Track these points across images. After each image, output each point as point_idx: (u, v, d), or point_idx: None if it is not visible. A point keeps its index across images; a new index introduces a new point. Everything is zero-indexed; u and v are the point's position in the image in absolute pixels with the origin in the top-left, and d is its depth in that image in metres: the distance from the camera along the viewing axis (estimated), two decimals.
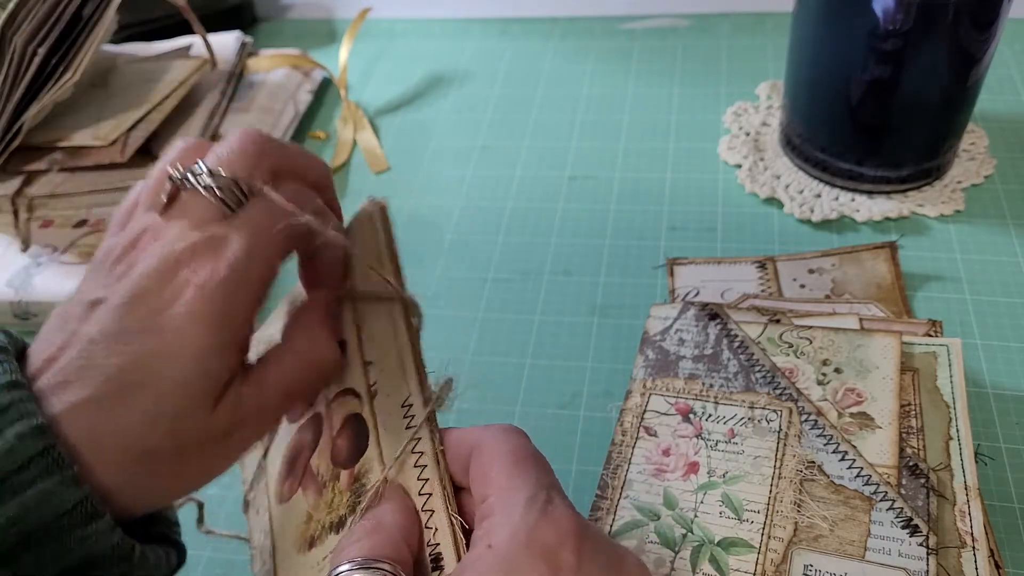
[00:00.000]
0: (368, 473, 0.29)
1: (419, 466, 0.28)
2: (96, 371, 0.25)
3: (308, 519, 0.30)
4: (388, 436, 0.29)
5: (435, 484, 0.27)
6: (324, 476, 0.31)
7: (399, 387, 0.29)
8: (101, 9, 0.59)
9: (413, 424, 0.28)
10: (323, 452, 0.31)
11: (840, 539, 0.37)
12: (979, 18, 0.49)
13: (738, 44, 0.74)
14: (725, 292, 0.52)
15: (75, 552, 0.24)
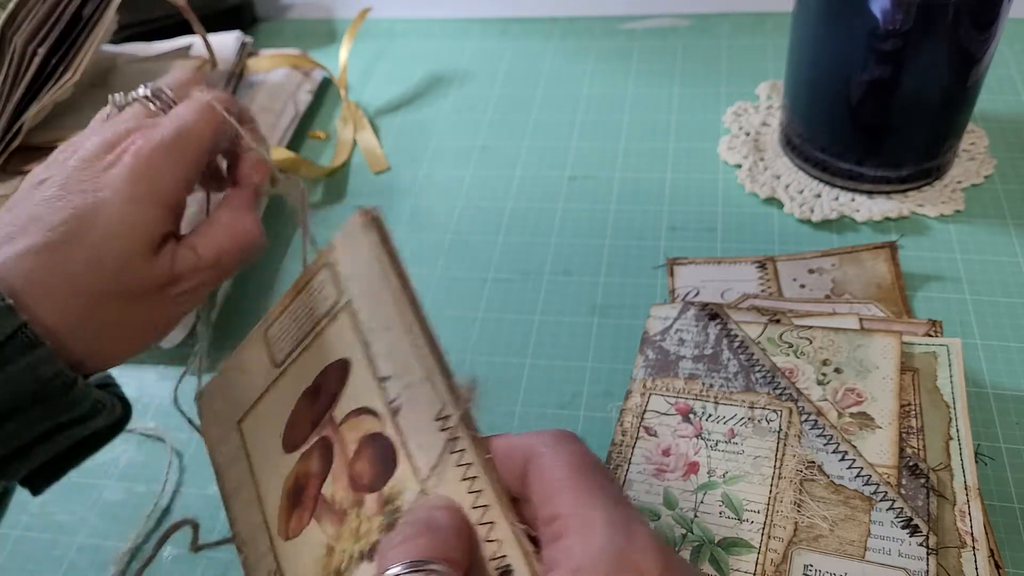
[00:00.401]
0: (403, 493, 0.28)
1: (467, 478, 0.27)
2: (40, 224, 0.29)
3: (329, 551, 0.29)
4: (423, 452, 0.28)
5: (491, 495, 0.26)
6: (343, 504, 0.30)
7: (429, 399, 0.28)
8: (101, 9, 0.59)
9: (453, 435, 0.27)
10: (339, 478, 0.30)
11: (840, 539, 0.37)
12: (979, 18, 0.49)
13: (738, 44, 0.74)
14: (725, 292, 0.52)
15: (19, 382, 0.26)
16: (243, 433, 0.34)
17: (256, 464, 0.33)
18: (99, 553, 0.44)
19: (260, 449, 0.33)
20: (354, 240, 0.32)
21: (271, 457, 0.33)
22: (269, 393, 0.34)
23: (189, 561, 0.43)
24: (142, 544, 0.44)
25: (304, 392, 0.32)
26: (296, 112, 0.70)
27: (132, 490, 0.47)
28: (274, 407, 0.33)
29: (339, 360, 0.32)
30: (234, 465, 0.34)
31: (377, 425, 0.30)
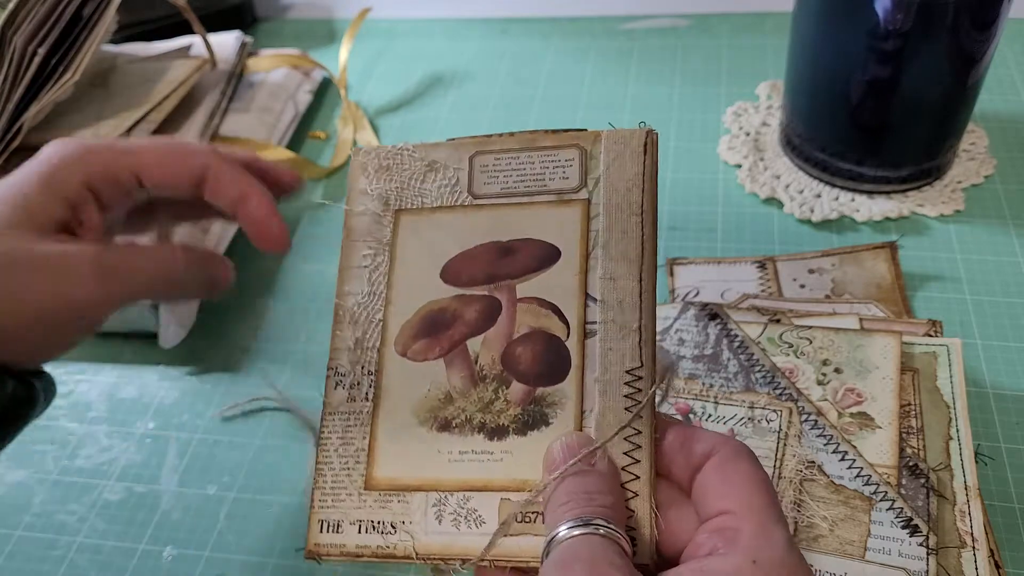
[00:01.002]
0: (557, 407, 0.28)
1: (632, 443, 0.27)
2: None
3: (448, 400, 0.29)
4: (598, 392, 0.28)
5: (645, 470, 0.27)
6: (485, 369, 0.29)
7: (629, 350, 0.29)
8: (101, 9, 0.59)
9: (636, 398, 0.28)
10: (491, 344, 0.30)
11: (840, 539, 0.37)
12: (979, 18, 0.49)
13: (738, 44, 0.74)
14: (725, 292, 0.52)
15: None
16: (398, 225, 0.32)
17: (400, 264, 0.32)
18: (99, 553, 0.44)
19: (411, 256, 0.32)
20: (623, 149, 0.32)
21: (423, 272, 0.31)
22: (450, 212, 0.32)
23: (189, 561, 0.43)
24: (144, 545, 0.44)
25: (494, 243, 0.31)
26: (296, 112, 0.70)
27: (132, 490, 0.47)
28: (449, 230, 0.32)
29: (550, 244, 0.31)
30: (370, 245, 0.32)
31: (560, 331, 0.29)
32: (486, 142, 0.33)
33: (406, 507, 0.28)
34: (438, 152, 0.33)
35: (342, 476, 0.29)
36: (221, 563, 0.43)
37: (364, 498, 0.29)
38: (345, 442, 0.30)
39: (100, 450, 0.49)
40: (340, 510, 0.29)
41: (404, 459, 0.29)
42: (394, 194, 0.33)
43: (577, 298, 0.30)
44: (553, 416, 0.28)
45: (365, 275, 0.32)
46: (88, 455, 0.49)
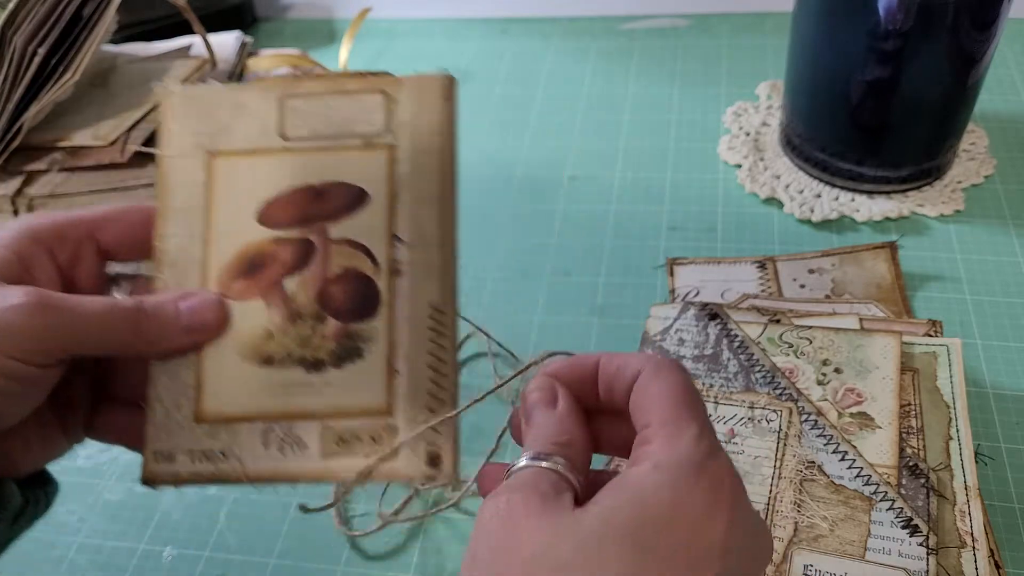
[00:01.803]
0: (369, 341, 0.31)
1: (437, 372, 0.30)
2: None
3: (268, 336, 0.31)
4: (408, 329, 0.30)
5: (449, 396, 0.30)
6: (302, 308, 0.31)
7: (434, 288, 0.31)
8: (101, 9, 0.59)
9: (440, 331, 0.30)
10: (307, 284, 0.31)
11: (840, 539, 0.37)
12: (979, 18, 0.49)
13: (738, 44, 0.74)
14: (725, 292, 0.52)
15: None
16: (213, 168, 0.33)
17: (215, 207, 0.33)
18: (99, 553, 0.44)
19: (228, 198, 0.33)
20: (425, 95, 0.33)
21: (238, 215, 0.33)
22: (263, 156, 0.33)
23: (189, 561, 0.43)
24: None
25: (306, 186, 0.33)
26: None
27: (132, 490, 0.47)
28: (263, 173, 0.33)
29: (358, 188, 0.32)
30: (186, 188, 0.33)
31: (370, 270, 0.31)
32: (294, 85, 0.34)
33: (234, 437, 0.30)
34: (248, 95, 0.34)
35: (172, 410, 0.31)
36: (221, 563, 0.43)
37: (195, 430, 0.31)
38: (174, 379, 0.31)
39: (100, 450, 0.49)
40: (172, 442, 0.31)
41: (230, 392, 0.31)
42: (207, 137, 0.34)
43: (385, 239, 0.32)
44: (366, 350, 0.31)
45: (183, 217, 0.33)
46: (88, 455, 0.49)
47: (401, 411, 0.30)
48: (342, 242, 0.32)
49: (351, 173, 0.33)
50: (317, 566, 0.42)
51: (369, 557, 0.42)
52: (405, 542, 0.43)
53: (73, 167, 0.60)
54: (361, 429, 0.30)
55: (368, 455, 0.30)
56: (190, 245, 0.32)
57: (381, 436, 0.30)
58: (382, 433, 0.30)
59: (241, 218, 0.33)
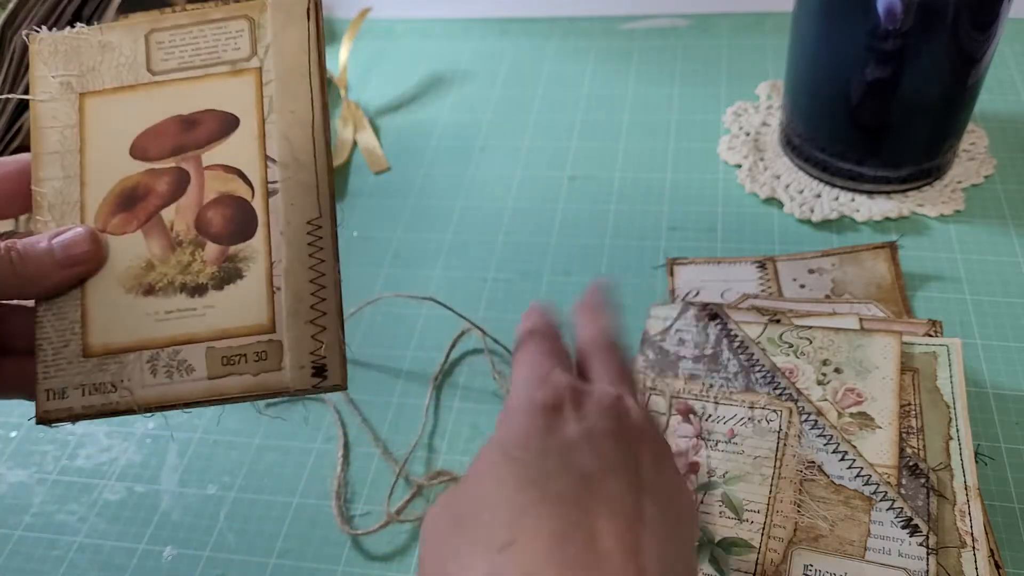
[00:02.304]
0: (249, 261, 0.32)
1: (317, 284, 0.31)
2: None
3: (149, 267, 0.32)
4: (288, 247, 0.31)
5: (331, 307, 0.31)
6: (179, 236, 0.32)
7: (310, 203, 0.32)
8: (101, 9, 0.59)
9: (318, 244, 0.31)
10: (184, 213, 0.32)
11: (840, 539, 0.37)
12: (979, 18, 0.49)
13: (738, 44, 0.74)
14: (725, 292, 0.52)
15: None
16: (84, 108, 0.34)
17: (89, 146, 0.34)
18: (99, 553, 0.44)
19: (100, 137, 0.34)
20: (287, 16, 0.33)
21: (112, 152, 0.33)
22: (132, 92, 0.34)
23: (189, 561, 0.43)
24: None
25: (177, 117, 0.33)
26: None
27: (132, 490, 0.47)
28: (133, 108, 0.34)
29: (229, 114, 0.33)
30: (59, 130, 0.34)
31: (246, 193, 0.32)
32: (159, 19, 0.35)
33: (122, 367, 0.31)
34: (113, 34, 0.35)
35: (60, 347, 0.32)
36: (221, 563, 0.43)
37: (83, 364, 0.31)
38: (59, 316, 0.32)
39: (100, 450, 0.49)
40: (63, 378, 0.31)
41: (115, 325, 0.32)
42: (75, 78, 0.35)
43: (259, 161, 0.32)
44: (247, 270, 0.32)
45: (57, 160, 0.34)
46: (88, 455, 0.49)
47: (284, 327, 0.31)
48: (216, 168, 0.33)
49: (221, 100, 0.33)
50: (317, 566, 0.42)
51: (370, 557, 0.42)
52: (407, 542, 0.43)
53: None
54: (246, 347, 0.31)
55: (256, 373, 0.31)
56: (66, 187, 0.33)
57: (265, 353, 0.31)
58: (266, 349, 0.31)
59: (115, 155, 0.33)
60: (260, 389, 0.30)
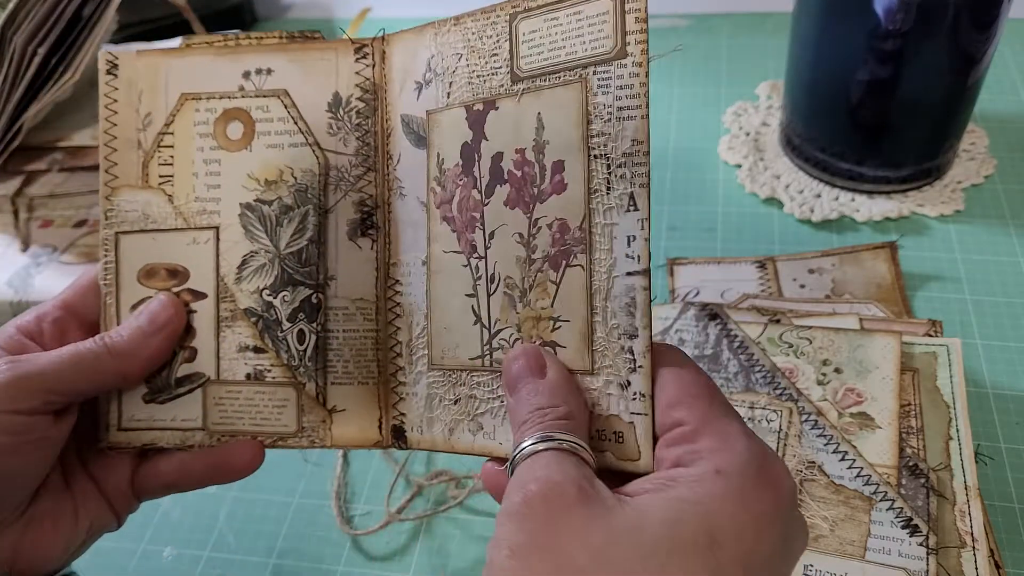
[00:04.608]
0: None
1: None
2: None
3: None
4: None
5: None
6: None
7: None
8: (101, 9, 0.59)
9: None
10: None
11: (840, 539, 0.37)
12: (979, 18, 0.49)
13: (738, 44, 0.74)
14: (725, 292, 0.52)
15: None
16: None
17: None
18: (99, 553, 0.44)
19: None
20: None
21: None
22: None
23: (189, 561, 0.43)
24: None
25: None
26: None
27: None
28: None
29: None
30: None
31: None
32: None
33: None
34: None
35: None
36: (221, 563, 0.43)
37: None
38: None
39: None
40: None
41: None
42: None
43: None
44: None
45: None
46: None
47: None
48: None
49: None
50: (317, 566, 0.42)
51: (371, 557, 0.42)
52: (407, 542, 0.43)
53: (73, 167, 0.60)
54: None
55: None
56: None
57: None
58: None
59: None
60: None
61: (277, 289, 0.33)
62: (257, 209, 0.33)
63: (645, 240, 0.26)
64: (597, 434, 0.27)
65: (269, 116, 0.33)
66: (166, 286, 0.33)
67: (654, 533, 0.22)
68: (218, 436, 0.33)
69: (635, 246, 0.26)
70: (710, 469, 0.24)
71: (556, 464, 0.24)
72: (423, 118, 0.32)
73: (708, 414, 0.25)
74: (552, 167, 0.28)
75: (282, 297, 0.33)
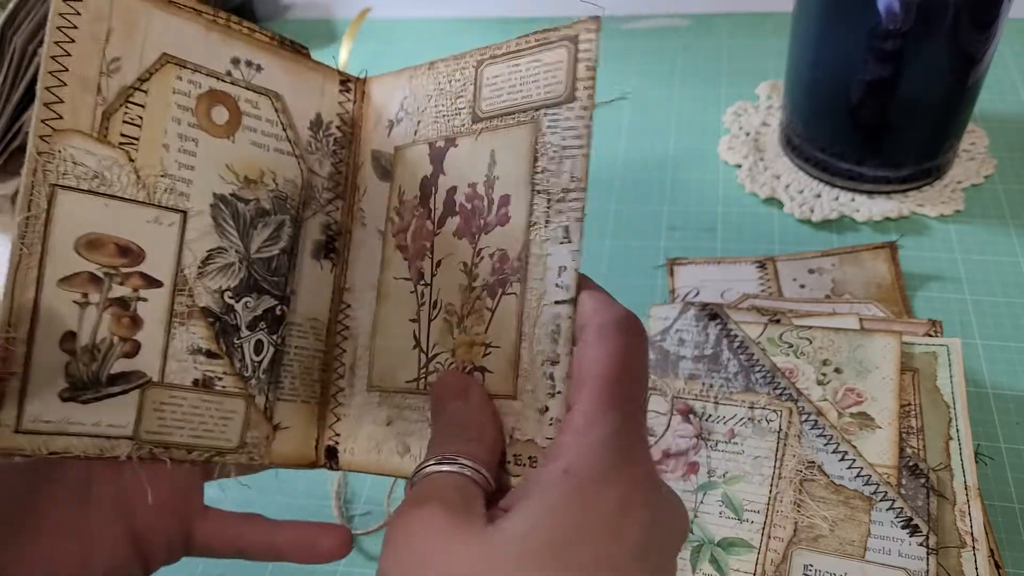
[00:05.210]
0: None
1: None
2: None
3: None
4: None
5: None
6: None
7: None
8: None
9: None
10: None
11: (840, 539, 0.37)
12: (979, 18, 0.49)
13: (738, 44, 0.74)
14: (725, 292, 0.52)
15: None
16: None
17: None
18: None
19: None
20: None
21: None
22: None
23: (189, 561, 0.43)
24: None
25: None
26: None
27: None
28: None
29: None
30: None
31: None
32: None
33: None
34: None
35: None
36: (221, 563, 0.43)
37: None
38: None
39: None
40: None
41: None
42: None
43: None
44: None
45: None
46: None
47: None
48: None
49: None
50: (317, 566, 0.42)
51: (371, 557, 0.42)
52: None
53: None
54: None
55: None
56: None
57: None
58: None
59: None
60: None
61: (241, 293, 0.31)
62: (232, 204, 0.31)
63: (575, 271, 0.26)
64: (514, 458, 0.27)
65: (258, 113, 0.32)
66: (112, 263, 0.28)
67: (504, 546, 0.22)
68: (149, 448, 0.29)
69: (565, 276, 0.26)
70: (560, 468, 0.23)
71: (437, 487, 0.24)
72: (391, 153, 0.33)
73: (591, 402, 0.24)
74: (499, 200, 0.29)
75: (245, 302, 0.31)
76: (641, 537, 0.22)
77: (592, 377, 0.24)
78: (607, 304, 0.25)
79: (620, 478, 0.23)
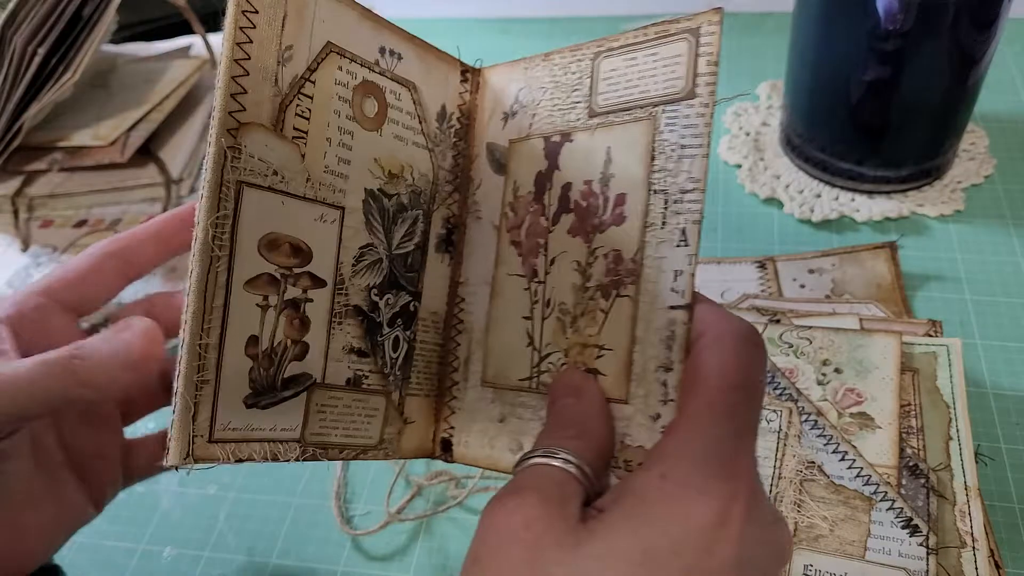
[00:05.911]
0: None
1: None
2: None
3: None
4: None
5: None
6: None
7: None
8: (101, 9, 0.59)
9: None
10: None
11: (840, 539, 0.37)
12: (979, 18, 0.49)
13: (738, 44, 0.74)
14: (725, 292, 0.52)
15: None
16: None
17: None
18: (99, 553, 0.44)
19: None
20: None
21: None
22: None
23: (189, 561, 0.43)
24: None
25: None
26: None
27: (132, 490, 0.47)
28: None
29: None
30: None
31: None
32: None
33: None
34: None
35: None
36: (221, 563, 0.43)
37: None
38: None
39: None
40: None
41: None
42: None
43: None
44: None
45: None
46: None
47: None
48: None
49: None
50: (317, 566, 0.42)
51: (371, 557, 0.42)
52: (407, 542, 0.43)
53: (73, 167, 0.60)
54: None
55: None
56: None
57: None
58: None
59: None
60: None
61: (384, 290, 0.31)
62: (380, 200, 0.30)
63: (691, 275, 0.26)
64: (624, 464, 0.27)
65: (400, 105, 0.31)
66: (288, 264, 0.27)
67: (591, 550, 0.21)
68: (311, 450, 0.28)
69: (680, 280, 0.26)
70: (658, 473, 0.22)
71: (537, 478, 0.24)
72: (506, 146, 0.32)
73: (700, 406, 0.24)
74: (615, 199, 0.28)
75: (387, 299, 0.31)
76: (736, 554, 0.21)
77: (705, 385, 0.24)
78: (726, 315, 0.25)
79: (719, 491, 0.22)
